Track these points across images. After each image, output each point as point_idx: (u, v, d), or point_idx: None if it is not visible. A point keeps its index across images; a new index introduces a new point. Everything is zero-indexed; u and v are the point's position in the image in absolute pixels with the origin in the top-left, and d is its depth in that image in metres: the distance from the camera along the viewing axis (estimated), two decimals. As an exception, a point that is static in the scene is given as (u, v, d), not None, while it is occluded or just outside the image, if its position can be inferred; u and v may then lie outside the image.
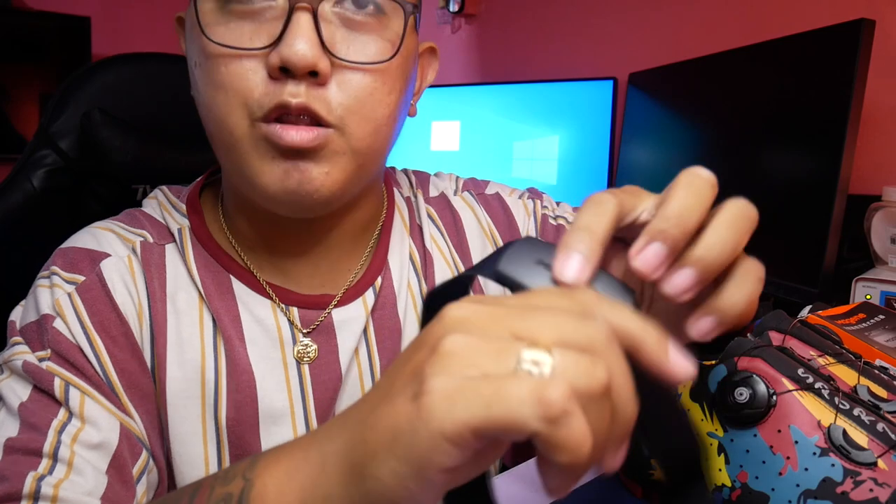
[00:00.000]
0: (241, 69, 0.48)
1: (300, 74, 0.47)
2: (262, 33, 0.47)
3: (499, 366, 0.25)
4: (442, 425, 0.25)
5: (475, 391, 0.24)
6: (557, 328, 0.26)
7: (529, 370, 0.25)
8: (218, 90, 0.48)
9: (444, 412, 0.25)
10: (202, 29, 0.48)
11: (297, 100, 0.47)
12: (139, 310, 0.54)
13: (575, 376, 0.25)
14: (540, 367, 0.25)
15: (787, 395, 0.43)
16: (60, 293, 0.52)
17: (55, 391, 0.48)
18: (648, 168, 1.42)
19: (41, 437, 0.46)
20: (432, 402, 0.25)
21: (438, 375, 0.25)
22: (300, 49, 0.45)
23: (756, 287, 0.34)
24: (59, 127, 0.78)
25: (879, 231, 0.98)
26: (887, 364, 0.50)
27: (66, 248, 0.55)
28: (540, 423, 0.24)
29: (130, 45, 1.19)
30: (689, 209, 0.32)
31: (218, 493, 0.34)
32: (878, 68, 0.97)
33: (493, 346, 0.26)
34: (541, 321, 0.26)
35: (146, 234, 0.57)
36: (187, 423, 0.54)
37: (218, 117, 0.49)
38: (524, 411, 0.24)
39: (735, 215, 0.33)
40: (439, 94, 1.76)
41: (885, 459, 0.40)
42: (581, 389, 0.25)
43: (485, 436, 0.25)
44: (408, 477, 0.26)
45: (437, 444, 0.25)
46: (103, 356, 0.51)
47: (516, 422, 0.24)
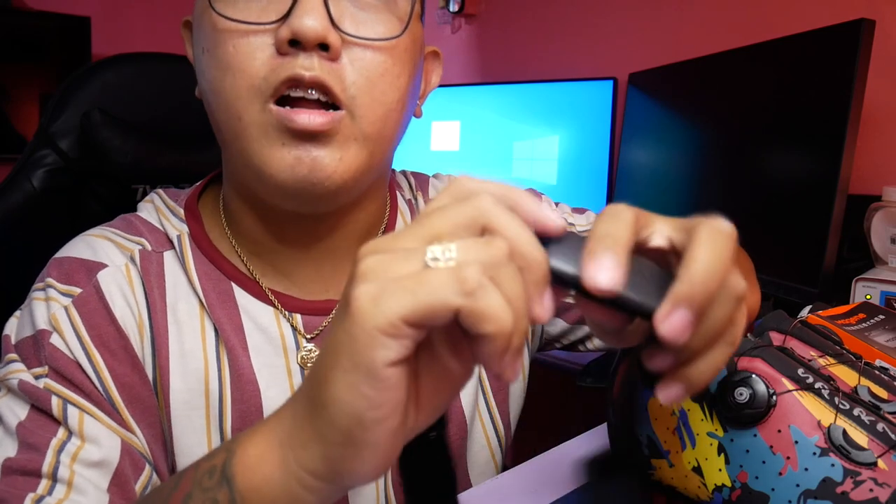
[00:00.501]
0: (249, 47, 0.47)
1: (310, 47, 0.46)
2: (269, 10, 0.47)
3: (410, 266, 0.28)
4: (374, 321, 0.27)
5: (399, 285, 0.27)
6: (450, 220, 0.29)
7: (437, 258, 0.28)
8: (226, 72, 0.48)
9: (374, 309, 0.27)
10: (211, 3, 0.48)
11: (310, 73, 0.47)
12: (139, 322, 0.53)
13: (478, 253, 0.28)
14: (446, 255, 0.28)
15: (787, 395, 0.43)
16: (56, 307, 0.50)
17: (53, 410, 0.47)
18: (648, 168, 1.42)
19: (40, 458, 0.45)
20: (360, 305, 0.28)
21: (360, 285, 0.28)
22: (310, 21, 0.46)
23: (727, 354, 0.32)
24: (59, 127, 0.78)
25: (879, 231, 0.98)
26: (888, 364, 0.50)
27: (60, 258, 0.54)
28: (460, 297, 0.27)
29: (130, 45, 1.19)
30: (713, 273, 0.30)
31: (203, 467, 0.35)
32: (878, 68, 0.97)
33: (401, 254, 0.29)
34: (437, 221, 0.29)
35: (144, 241, 0.56)
36: (192, 434, 0.53)
37: (226, 101, 0.49)
38: (446, 291, 0.27)
39: (709, 236, 0.30)
40: (439, 94, 1.76)
41: (885, 459, 0.40)
42: (487, 262, 0.28)
43: (415, 322, 0.27)
44: (360, 383, 0.28)
45: (375, 339, 0.27)
46: (102, 371, 0.50)
47: (441, 301, 0.27)
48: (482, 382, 0.65)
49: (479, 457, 0.65)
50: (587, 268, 0.29)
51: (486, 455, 0.65)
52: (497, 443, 0.66)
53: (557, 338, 0.74)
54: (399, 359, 0.28)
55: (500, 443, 0.67)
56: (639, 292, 0.30)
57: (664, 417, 0.48)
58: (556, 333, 0.73)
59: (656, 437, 0.48)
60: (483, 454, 0.65)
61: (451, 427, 0.62)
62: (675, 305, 0.29)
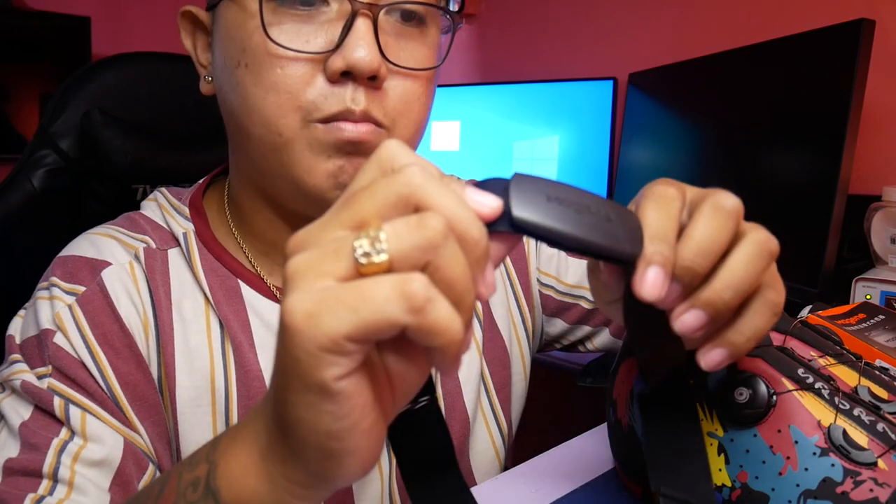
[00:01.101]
0: (297, 71, 0.48)
1: (361, 79, 0.48)
2: (318, 37, 0.48)
3: (340, 265, 0.26)
4: (316, 341, 0.25)
5: (338, 300, 0.25)
6: (377, 200, 0.27)
7: (368, 252, 0.26)
8: (269, 91, 0.48)
9: (314, 329, 0.25)
10: (265, 28, 0.48)
11: (359, 107, 0.48)
12: (144, 320, 0.53)
13: (411, 238, 0.26)
14: (377, 247, 0.26)
15: (787, 395, 0.43)
16: (61, 306, 0.51)
17: (55, 410, 0.47)
18: (648, 168, 1.42)
19: (41, 458, 0.45)
20: (297, 324, 0.26)
21: (292, 295, 0.26)
22: (366, 55, 0.46)
23: (770, 320, 0.33)
24: (59, 127, 0.78)
25: (879, 231, 0.98)
26: (888, 364, 0.50)
27: (64, 256, 0.54)
28: (408, 315, 0.25)
29: (130, 44, 1.19)
30: (711, 245, 0.32)
31: (186, 479, 0.35)
32: (878, 68, 0.97)
33: (329, 248, 0.27)
34: (362, 203, 0.27)
35: (148, 239, 0.56)
36: (198, 432, 0.53)
37: (267, 119, 0.49)
38: (391, 308, 0.25)
39: (753, 253, 0.32)
40: (439, 94, 1.76)
41: (885, 459, 0.40)
42: (422, 246, 0.26)
43: (359, 340, 0.25)
44: (318, 401, 0.27)
45: (320, 359, 0.26)
46: (106, 370, 0.50)
47: (386, 320, 0.25)
48: (484, 380, 0.65)
49: (483, 455, 0.65)
50: (641, 277, 0.31)
51: (490, 454, 0.65)
52: (500, 441, 0.66)
53: (557, 338, 0.74)
54: (349, 372, 0.26)
55: (503, 441, 0.67)
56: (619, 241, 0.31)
57: (664, 417, 0.48)
58: (555, 334, 0.73)
59: (656, 437, 0.48)
60: (487, 453, 0.65)
61: (454, 424, 0.62)
62: (648, 264, 0.31)
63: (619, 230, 0.31)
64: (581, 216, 0.30)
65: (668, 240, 0.32)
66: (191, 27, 0.56)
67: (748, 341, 0.34)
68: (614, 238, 0.30)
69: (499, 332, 0.67)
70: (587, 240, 0.30)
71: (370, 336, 0.26)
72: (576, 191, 0.31)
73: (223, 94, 0.53)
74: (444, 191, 0.27)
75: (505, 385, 0.66)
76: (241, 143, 0.53)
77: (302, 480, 0.31)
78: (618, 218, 0.31)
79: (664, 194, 0.34)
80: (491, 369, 0.66)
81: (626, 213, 0.32)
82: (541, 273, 0.71)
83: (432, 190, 0.27)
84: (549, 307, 0.72)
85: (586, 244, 0.30)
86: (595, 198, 0.31)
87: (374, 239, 0.26)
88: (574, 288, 0.71)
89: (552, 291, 0.71)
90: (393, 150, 0.29)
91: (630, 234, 0.31)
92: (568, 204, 0.30)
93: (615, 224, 0.31)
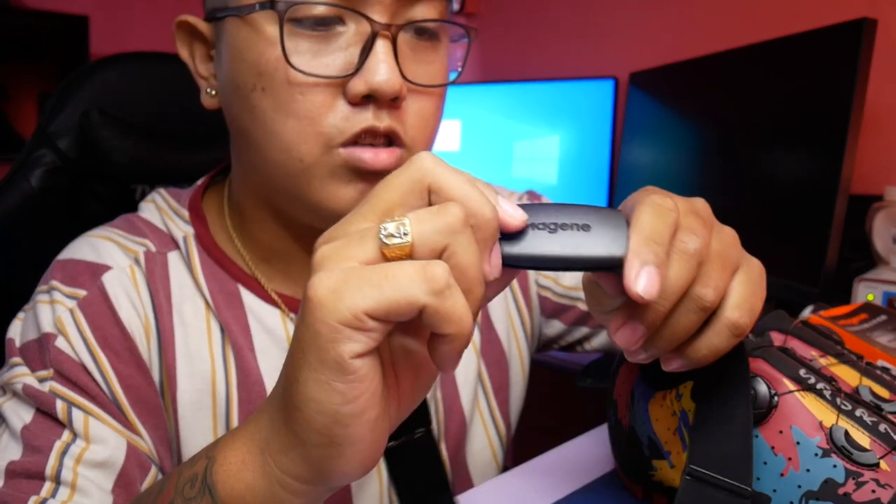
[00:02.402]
0: (318, 97, 0.47)
1: (384, 101, 0.47)
2: (337, 59, 0.47)
3: (366, 248, 0.28)
4: (337, 314, 0.27)
5: (363, 279, 0.27)
6: (395, 189, 0.30)
7: (392, 234, 0.28)
8: (290, 117, 0.47)
9: (337, 302, 0.27)
10: (288, 58, 0.46)
11: (384, 124, 0.48)
12: (145, 323, 0.53)
13: (433, 223, 0.28)
14: (401, 230, 0.28)
15: (788, 395, 0.42)
16: (62, 309, 0.50)
17: (58, 413, 0.47)
18: (649, 168, 1.42)
19: (43, 460, 0.45)
20: (320, 297, 0.27)
21: (317, 275, 0.28)
22: (388, 77, 0.46)
23: (729, 341, 0.34)
24: (58, 126, 0.78)
25: (881, 231, 0.98)
26: (889, 364, 0.50)
27: (64, 259, 0.54)
28: (429, 296, 0.27)
29: (129, 44, 1.19)
30: (656, 236, 0.32)
31: (185, 475, 0.35)
32: (879, 68, 0.96)
33: (356, 237, 0.29)
34: (384, 194, 0.30)
35: (148, 242, 0.56)
36: (199, 435, 0.53)
37: (287, 145, 0.48)
38: (413, 288, 0.26)
39: (681, 261, 0.32)
40: (439, 93, 1.76)
41: (887, 461, 0.40)
42: (443, 230, 0.28)
43: (380, 317, 0.27)
44: (331, 379, 0.28)
45: (340, 333, 0.27)
46: (108, 373, 0.50)
47: (408, 298, 0.26)
48: (482, 381, 0.65)
49: (481, 456, 0.65)
50: (637, 281, 0.31)
51: (487, 455, 0.65)
52: (498, 442, 0.66)
53: (555, 339, 0.74)
54: (366, 351, 0.27)
55: (501, 442, 0.66)
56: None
57: (665, 418, 0.48)
58: (553, 335, 0.73)
59: (657, 438, 0.48)
60: (484, 454, 0.65)
61: (451, 426, 0.62)
62: (644, 264, 0.31)
63: (599, 237, 0.32)
64: (556, 234, 0.32)
65: (663, 242, 0.32)
66: (187, 38, 0.54)
67: (705, 358, 0.34)
68: (594, 246, 0.32)
69: (497, 333, 0.67)
70: (568, 256, 0.31)
71: (391, 315, 0.27)
72: (546, 209, 0.32)
73: (234, 114, 0.51)
74: (453, 174, 0.29)
75: (503, 386, 0.66)
76: (254, 163, 0.52)
77: (299, 473, 0.31)
78: (598, 223, 0.32)
79: (663, 205, 0.34)
80: (489, 371, 0.65)
81: (606, 216, 0.33)
82: (538, 275, 0.71)
83: (442, 173, 0.29)
84: (547, 309, 0.71)
85: (568, 261, 0.31)
86: (570, 210, 0.32)
87: (400, 223, 0.28)
88: (571, 290, 0.71)
89: (550, 293, 0.71)
90: (424, 157, 0.31)
91: (611, 237, 0.32)
92: (543, 226, 0.32)
93: (595, 231, 0.32)
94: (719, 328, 0.34)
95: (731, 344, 0.34)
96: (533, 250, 0.31)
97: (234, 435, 0.34)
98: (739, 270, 0.35)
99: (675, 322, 0.33)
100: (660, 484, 0.49)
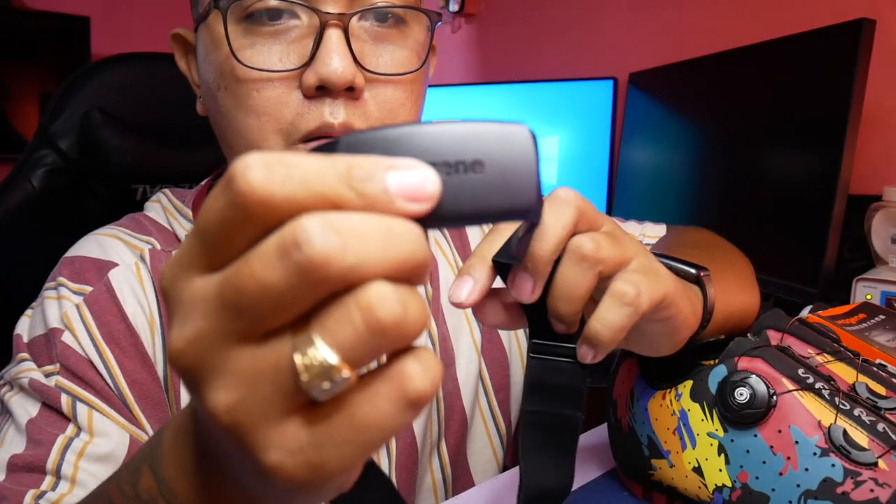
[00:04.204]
0: (274, 93, 0.47)
1: (338, 91, 0.46)
2: (291, 53, 0.47)
3: (286, 399, 0.19)
4: (331, 490, 0.22)
5: (334, 443, 0.20)
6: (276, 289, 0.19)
7: (321, 380, 0.19)
8: (250, 115, 0.48)
9: (324, 480, 0.20)
10: (234, 53, 0.47)
11: (338, 120, 0.47)
12: (150, 319, 0.53)
13: (358, 333, 0.19)
14: (318, 357, 0.19)
15: (787, 395, 0.43)
16: (69, 305, 0.51)
17: (62, 407, 0.48)
18: (649, 168, 1.42)
19: (45, 454, 0.46)
20: (298, 481, 0.20)
21: (265, 456, 0.20)
22: (338, 66, 0.45)
23: (622, 310, 0.34)
24: (59, 127, 0.78)
25: (880, 231, 0.98)
26: (887, 363, 0.50)
27: (71, 257, 0.55)
28: (405, 416, 0.20)
29: (130, 44, 1.19)
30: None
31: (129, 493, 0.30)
32: (878, 68, 0.97)
33: (257, 386, 0.20)
34: (249, 300, 0.19)
35: (153, 240, 0.56)
36: None
37: (250, 142, 0.48)
38: (389, 417, 0.20)
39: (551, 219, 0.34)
40: (439, 94, 1.76)
41: (885, 460, 0.40)
42: (380, 334, 0.19)
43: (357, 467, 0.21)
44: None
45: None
46: (114, 368, 0.50)
47: (385, 437, 0.20)
48: (483, 380, 0.65)
49: (481, 455, 0.65)
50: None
51: (487, 453, 0.65)
52: (499, 441, 0.66)
53: None
54: None
55: (501, 441, 0.67)
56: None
57: (664, 418, 0.48)
58: None
59: (656, 438, 0.48)
60: (485, 452, 0.65)
61: (452, 424, 0.62)
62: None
63: (498, 176, 0.22)
64: (449, 179, 0.21)
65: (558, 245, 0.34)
66: (183, 49, 0.56)
67: (602, 335, 0.35)
68: (499, 193, 0.22)
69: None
70: (474, 211, 0.22)
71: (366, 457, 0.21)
72: (420, 134, 0.22)
73: (211, 116, 0.52)
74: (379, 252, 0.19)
75: (504, 385, 0.66)
76: (231, 160, 0.53)
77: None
78: (491, 157, 0.22)
79: (566, 198, 0.36)
80: (490, 370, 0.66)
81: (496, 141, 0.22)
82: None
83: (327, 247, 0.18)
84: None
85: (474, 215, 0.22)
86: (447, 135, 0.22)
87: (312, 352, 0.19)
88: None
89: None
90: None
91: (517, 174, 0.22)
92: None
93: (491, 169, 0.22)
94: (608, 301, 0.34)
95: (623, 318, 0.34)
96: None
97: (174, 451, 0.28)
98: (635, 258, 0.36)
99: (561, 275, 0.34)
100: (659, 483, 0.49)
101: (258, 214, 0.19)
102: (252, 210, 0.18)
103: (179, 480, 0.26)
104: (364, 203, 0.19)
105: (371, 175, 0.19)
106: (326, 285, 0.18)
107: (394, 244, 0.19)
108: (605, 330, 0.34)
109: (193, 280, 0.20)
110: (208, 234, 0.20)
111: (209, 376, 0.20)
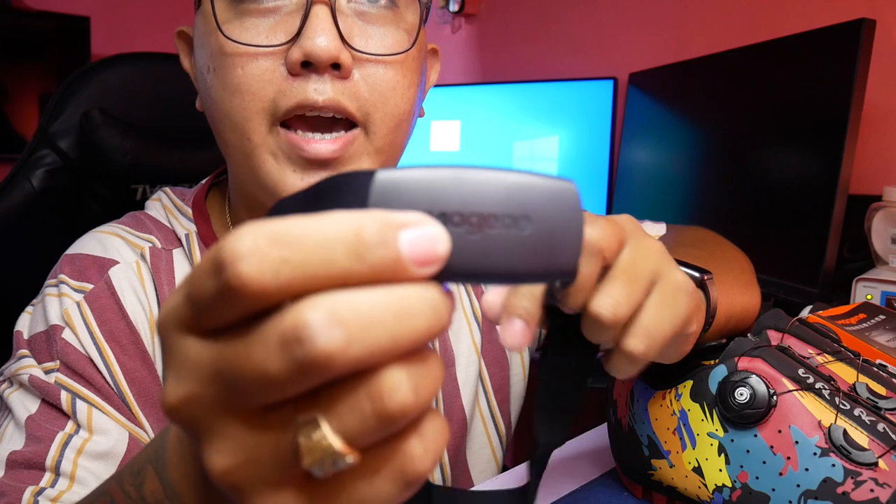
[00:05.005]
0: (258, 69, 0.47)
1: (323, 68, 0.46)
2: (278, 30, 0.47)
3: (287, 472, 0.19)
4: None
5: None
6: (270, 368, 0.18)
7: (322, 461, 0.18)
8: (234, 94, 0.47)
9: None
10: (219, 26, 0.47)
11: (323, 97, 0.46)
12: (150, 317, 0.53)
13: (365, 417, 0.18)
14: (328, 449, 0.18)
15: (787, 395, 0.43)
16: (69, 302, 0.51)
17: (62, 404, 0.48)
18: (649, 168, 1.42)
19: (44, 450, 0.46)
20: None
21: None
22: (322, 41, 0.45)
23: (627, 369, 0.32)
24: (59, 127, 0.78)
25: (880, 231, 0.98)
26: (887, 364, 0.50)
27: (72, 254, 0.55)
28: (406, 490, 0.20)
29: (130, 45, 1.19)
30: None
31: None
32: (878, 68, 0.97)
33: (268, 446, 0.19)
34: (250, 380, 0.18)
35: (154, 239, 0.56)
36: None
37: (235, 123, 0.48)
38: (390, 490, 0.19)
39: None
40: (439, 94, 1.76)
41: (885, 460, 0.40)
42: (389, 420, 0.18)
43: None
44: None
45: None
46: (113, 366, 0.50)
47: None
48: (483, 381, 0.65)
49: (480, 455, 0.65)
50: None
51: (486, 454, 0.65)
52: (498, 441, 0.66)
53: None
54: None
55: (501, 441, 0.67)
56: None
57: (664, 418, 0.48)
58: None
59: (657, 438, 0.48)
60: (484, 452, 0.65)
61: (451, 425, 0.62)
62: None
63: (545, 235, 0.20)
64: (486, 234, 0.20)
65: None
66: (187, 48, 0.56)
67: (617, 374, 0.32)
68: (541, 253, 0.20)
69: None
70: (511, 271, 0.20)
71: None
72: (455, 184, 0.20)
73: (204, 105, 0.52)
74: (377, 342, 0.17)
75: (503, 385, 0.66)
76: (223, 150, 0.53)
77: None
78: (539, 214, 0.20)
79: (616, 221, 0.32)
80: (489, 370, 0.66)
81: (544, 197, 0.21)
82: None
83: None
84: None
85: (511, 275, 0.20)
86: (494, 185, 0.20)
87: (321, 443, 0.18)
88: None
89: None
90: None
91: (561, 235, 0.21)
92: (460, 220, 0.20)
93: (538, 227, 0.20)
94: (617, 356, 0.32)
95: (630, 370, 0.32)
96: (467, 264, 0.20)
97: (178, 455, 0.27)
98: (655, 286, 0.32)
99: (648, 311, 0.32)
100: (659, 483, 0.49)
101: (251, 304, 0.17)
102: (244, 301, 0.17)
103: (185, 485, 0.26)
104: (374, 274, 0.18)
105: (384, 240, 0.18)
106: (331, 377, 0.17)
107: (405, 325, 0.17)
108: (619, 376, 0.33)
109: (187, 340, 0.19)
110: (199, 304, 0.18)
111: (206, 436, 0.19)
